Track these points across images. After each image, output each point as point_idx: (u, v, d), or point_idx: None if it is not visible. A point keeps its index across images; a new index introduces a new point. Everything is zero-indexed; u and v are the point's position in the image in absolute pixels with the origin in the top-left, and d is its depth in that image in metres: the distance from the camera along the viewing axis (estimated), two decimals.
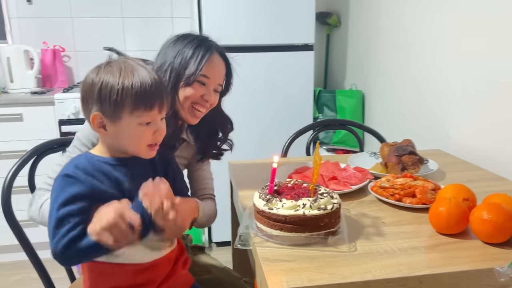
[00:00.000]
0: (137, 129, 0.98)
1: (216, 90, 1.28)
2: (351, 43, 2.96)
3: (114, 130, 0.98)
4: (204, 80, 1.23)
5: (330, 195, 1.07)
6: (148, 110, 0.97)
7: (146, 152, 1.02)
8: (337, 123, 1.95)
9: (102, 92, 0.94)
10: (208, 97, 1.25)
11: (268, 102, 2.67)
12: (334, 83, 3.23)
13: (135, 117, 0.97)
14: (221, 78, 1.29)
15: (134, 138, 0.99)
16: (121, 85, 0.93)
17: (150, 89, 0.96)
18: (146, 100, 0.96)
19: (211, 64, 1.23)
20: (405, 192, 1.23)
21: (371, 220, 1.16)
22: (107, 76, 0.95)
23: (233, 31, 2.53)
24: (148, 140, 1.00)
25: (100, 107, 0.96)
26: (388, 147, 1.57)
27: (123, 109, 0.95)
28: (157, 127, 1.01)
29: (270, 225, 1.03)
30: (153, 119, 0.99)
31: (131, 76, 0.95)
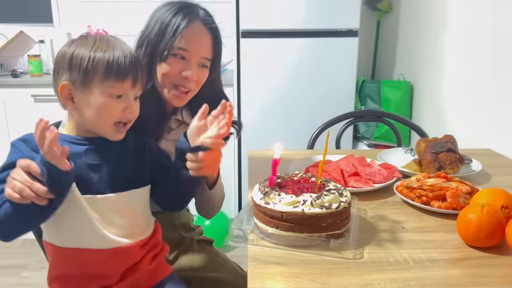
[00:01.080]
0: (105, 101, 0.91)
1: (203, 64, 1.12)
2: (402, 30, 2.72)
3: (82, 102, 0.92)
4: (182, 53, 1.09)
5: (339, 192, 0.93)
6: (120, 80, 0.91)
7: (112, 131, 0.95)
8: (371, 115, 1.77)
9: (73, 61, 0.90)
10: (187, 73, 1.10)
11: (307, 91, 2.52)
12: (381, 73, 3.01)
13: (105, 87, 0.91)
14: (206, 50, 1.12)
15: (101, 111, 0.92)
16: (94, 54, 0.89)
17: (124, 60, 0.90)
18: (118, 70, 0.90)
19: (189, 34, 1.08)
20: (434, 194, 1.06)
21: (389, 224, 1.00)
22: (79, 46, 0.91)
23: (272, 14, 2.40)
24: (116, 115, 0.93)
25: (70, 76, 0.91)
26: (425, 142, 1.39)
27: (93, 77, 0.90)
28: (128, 104, 0.93)
29: (265, 221, 0.91)
30: (124, 93, 0.93)
31: (105, 47, 0.90)
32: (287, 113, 2.53)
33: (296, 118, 2.54)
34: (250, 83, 2.48)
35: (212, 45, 1.14)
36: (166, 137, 1.23)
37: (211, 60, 1.15)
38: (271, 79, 2.49)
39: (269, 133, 2.52)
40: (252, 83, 2.48)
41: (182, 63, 1.10)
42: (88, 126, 0.96)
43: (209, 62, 1.14)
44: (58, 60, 0.93)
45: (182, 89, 1.12)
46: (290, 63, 2.47)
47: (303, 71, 2.50)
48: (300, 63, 2.48)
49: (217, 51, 1.16)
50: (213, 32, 1.13)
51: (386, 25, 2.97)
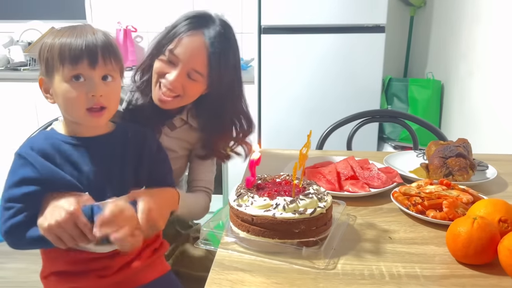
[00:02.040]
0: (66, 87, 0.89)
1: (190, 76, 1.08)
2: (435, 26, 2.58)
3: (54, 93, 0.92)
4: (172, 58, 1.07)
5: (319, 196, 0.88)
6: (73, 63, 0.87)
7: (86, 118, 0.91)
8: (386, 115, 1.67)
9: (40, 54, 0.91)
10: (169, 77, 1.07)
11: (330, 89, 2.44)
12: (413, 71, 2.87)
13: (64, 73, 0.88)
14: (197, 63, 1.07)
15: (66, 99, 0.90)
16: (52, 42, 0.89)
17: (76, 42, 0.87)
18: (71, 52, 0.87)
19: (184, 43, 1.06)
20: (430, 203, 0.98)
21: (376, 233, 0.93)
22: (48, 38, 0.91)
23: (294, 10, 2.33)
24: (82, 101, 0.89)
25: (41, 70, 0.92)
26: (436, 146, 1.29)
27: (53, 66, 0.89)
28: (91, 86, 0.89)
29: (237, 224, 0.87)
30: (84, 75, 0.88)
31: (66, 34, 0.88)
32: (309, 112, 2.46)
33: (318, 117, 2.46)
34: (271, 81, 2.43)
35: (208, 61, 1.08)
36: (169, 134, 1.21)
37: (206, 75, 1.09)
38: (293, 77, 2.43)
39: (290, 133, 2.47)
40: (273, 81, 2.43)
41: (171, 66, 1.08)
42: (67, 117, 0.94)
43: (201, 77, 1.09)
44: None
45: (164, 92, 1.10)
46: (313, 60, 2.40)
47: (327, 69, 2.41)
48: (324, 60, 2.40)
49: (213, 68, 1.08)
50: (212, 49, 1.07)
51: (419, 20, 2.82)
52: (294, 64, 2.41)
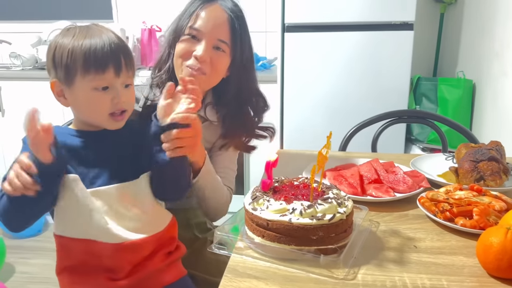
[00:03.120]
0: (92, 95, 0.89)
1: (217, 46, 1.09)
2: (466, 23, 2.46)
3: (72, 98, 0.91)
4: (195, 33, 1.07)
5: (339, 201, 0.83)
6: (100, 72, 0.88)
7: (108, 122, 0.93)
8: (414, 115, 1.60)
9: (55, 58, 0.89)
10: (197, 53, 1.06)
11: (356, 89, 2.36)
12: (443, 70, 2.76)
13: (88, 81, 0.88)
14: (222, 33, 1.09)
15: (91, 105, 0.90)
16: (71, 47, 0.87)
17: (102, 50, 0.87)
18: (96, 61, 0.87)
19: (204, 15, 1.07)
20: (460, 210, 0.91)
21: (401, 242, 0.88)
22: (61, 39, 0.89)
23: (318, 7, 2.27)
24: (107, 107, 0.90)
25: (56, 74, 0.91)
26: (466, 149, 1.22)
27: (75, 72, 0.88)
28: (116, 93, 0.90)
29: (252, 228, 0.84)
30: (110, 84, 0.90)
31: (82, 37, 0.88)
32: (333, 112, 2.39)
33: (342, 117, 2.39)
34: (294, 80, 2.38)
35: (230, 28, 1.10)
36: None
37: (231, 45, 1.11)
38: (317, 76, 2.37)
39: (314, 133, 2.40)
40: (296, 80, 2.38)
41: (195, 43, 1.08)
42: (84, 119, 0.95)
43: (226, 46, 1.10)
44: (46, 56, 0.93)
45: (194, 65, 1.08)
46: (338, 58, 2.33)
47: (352, 67, 2.34)
48: (349, 58, 2.33)
49: (236, 34, 1.11)
50: (230, 15, 1.09)
51: (449, 18, 2.71)
52: (318, 63, 2.35)
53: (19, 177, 0.82)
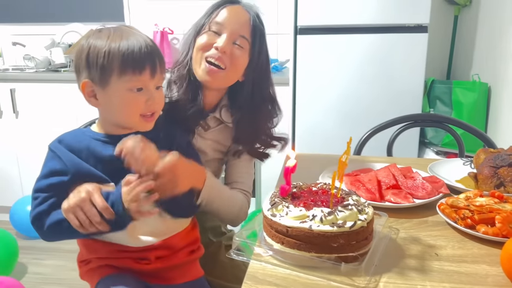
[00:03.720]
0: (127, 96, 0.90)
1: (237, 42, 1.10)
2: (481, 26, 2.44)
3: (104, 99, 0.92)
4: (217, 27, 1.09)
5: (359, 208, 0.82)
6: (137, 73, 0.89)
7: (140, 123, 0.94)
8: (429, 119, 1.58)
9: (90, 57, 0.90)
10: (218, 44, 1.07)
11: (369, 92, 2.34)
12: (457, 73, 2.73)
13: (124, 82, 0.89)
14: (243, 29, 1.10)
15: (125, 106, 0.91)
16: (108, 47, 0.88)
17: (139, 51, 0.88)
18: (134, 63, 0.88)
19: (227, 12, 1.10)
20: (481, 217, 0.90)
21: (421, 249, 0.87)
22: (95, 41, 0.90)
23: (331, 9, 2.26)
24: (140, 109, 0.92)
25: (89, 74, 0.91)
26: (486, 154, 1.20)
27: (111, 73, 0.89)
28: (150, 95, 0.92)
29: (271, 235, 0.83)
30: (144, 85, 0.91)
31: (118, 39, 0.89)
32: (345, 115, 2.38)
33: (355, 120, 2.38)
34: (306, 83, 2.37)
35: (251, 26, 1.12)
36: (203, 135, 1.19)
37: (251, 43, 1.12)
38: (330, 79, 2.36)
39: (326, 136, 2.40)
40: (308, 83, 2.37)
41: (216, 36, 1.09)
42: (115, 120, 0.96)
43: (246, 42, 1.11)
44: (77, 56, 0.93)
45: (213, 64, 1.08)
46: (351, 61, 2.32)
47: (366, 70, 2.33)
48: (362, 61, 2.31)
49: (256, 33, 1.13)
50: (252, 14, 1.13)
51: (463, 20, 2.69)
52: (331, 65, 2.34)
53: (99, 225, 0.85)
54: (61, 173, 0.90)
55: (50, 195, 0.89)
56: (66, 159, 0.90)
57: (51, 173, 0.90)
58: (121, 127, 0.96)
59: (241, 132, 1.20)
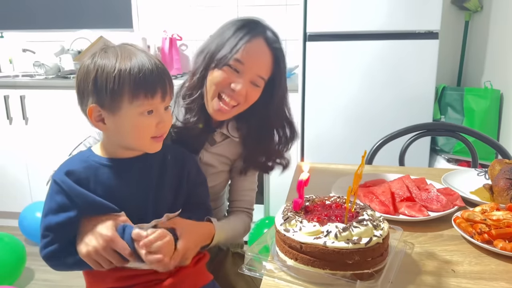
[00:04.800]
0: (138, 120, 0.88)
1: (255, 83, 1.07)
2: (492, 31, 2.41)
3: (114, 123, 0.89)
4: (238, 66, 1.04)
5: (374, 223, 0.80)
6: (149, 97, 0.87)
7: (150, 145, 0.92)
8: (442, 128, 1.56)
9: (97, 81, 0.85)
10: (235, 86, 1.05)
11: (379, 99, 2.32)
12: (468, 79, 2.70)
13: (135, 106, 0.87)
14: (263, 69, 1.06)
15: (136, 130, 0.89)
16: (118, 71, 0.84)
17: (151, 74, 0.86)
18: (146, 87, 0.86)
19: (249, 49, 1.04)
20: (498, 232, 0.88)
21: (438, 265, 0.85)
22: (102, 62, 0.86)
23: (341, 16, 2.25)
24: (151, 131, 0.90)
25: (97, 98, 0.87)
26: (501, 165, 1.18)
27: (121, 98, 0.86)
28: (161, 118, 0.90)
29: (285, 251, 0.81)
30: (155, 108, 0.89)
31: (128, 61, 0.85)
32: (355, 123, 2.36)
33: (365, 128, 2.36)
34: (316, 89, 2.36)
35: (272, 65, 1.08)
36: (209, 149, 1.18)
37: (268, 80, 1.09)
38: (339, 86, 2.34)
39: (335, 144, 2.38)
40: (318, 89, 2.36)
41: (235, 75, 1.06)
42: (124, 143, 0.93)
43: (263, 82, 1.08)
44: (80, 78, 0.89)
45: (227, 102, 1.07)
46: (361, 68, 2.30)
47: (376, 77, 2.31)
48: (372, 68, 2.30)
49: (277, 72, 1.09)
50: (275, 53, 1.08)
51: (474, 26, 2.66)
52: (341, 72, 2.32)
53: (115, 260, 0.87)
54: (69, 208, 0.87)
55: (59, 235, 0.88)
56: (73, 194, 0.87)
57: (59, 209, 0.88)
58: (129, 150, 0.94)
59: (249, 150, 1.20)
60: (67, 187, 0.88)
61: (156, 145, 0.93)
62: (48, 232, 0.88)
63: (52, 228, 0.88)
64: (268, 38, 1.07)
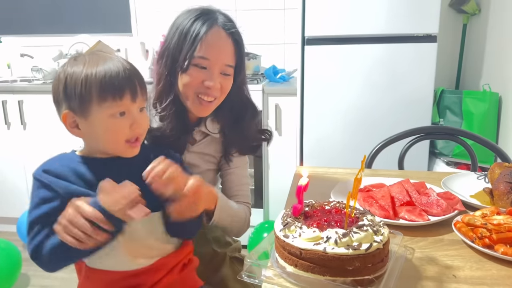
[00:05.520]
0: (109, 122, 0.88)
1: (225, 72, 1.08)
2: (490, 34, 2.41)
3: (87, 128, 0.89)
4: (203, 62, 1.05)
5: (375, 228, 0.80)
6: (117, 99, 0.87)
7: (125, 150, 0.92)
8: (440, 132, 1.56)
9: (67, 87, 0.87)
10: (209, 83, 1.06)
11: (378, 102, 2.32)
12: (466, 82, 2.70)
13: (105, 109, 0.87)
14: (228, 57, 1.08)
15: (109, 133, 0.89)
16: (85, 76, 0.86)
17: (117, 76, 0.86)
18: (113, 88, 0.86)
19: (209, 42, 1.04)
20: (499, 236, 0.87)
21: (438, 270, 0.84)
22: (71, 69, 0.88)
23: (339, 20, 2.25)
24: (124, 134, 0.90)
25: (69, 104, 0.88)
26: (501, 169, 1.18)
27: (90, 101, 0.86)
28: (134, 119, 0.89)
29: (284, 257, 0.81)
30: (127, 109, 0.89)
31: (95, 66, 0.87)
32: (355, 126, 2.36)
33: (364, 131, 2.35)
34: (314, 93, 2.36)
35: (235, 51, 1.10)
36: (190, 149, 1.19)
37: (235, 67, 1.11)
38: (338, 89, 2.34)
39: (334, 147, 2.38)
40: (317, 93, 2.35)
41: (204, 72, 1.06)
42: (100, 148, 0.94)
43: (232, 69, 1.10)
44: (54, 88, 0.90)
45: (206, 99, 1.08)
46: (359, 71, 2.30)
47: (374, 80, 2.30)
48: (371, 71, 2.29)
49: (240, 56, 1.11)
50: (234, 37, 1.09)
51: (472, 29, 2.66)
52: (339, 76, 2.32)
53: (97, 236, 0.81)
54: (51, 199, 0.87)
55: (43, 225, 0.86)
56: (54, 184, 0.87)
57: (41, 202, 0.87)
58: (108, 155, 0.93)
59: (230, 139, 1.21)
60: (47, 179, 0.87)
61: (132, 149, 0.92)
62: (33, 225, 0.87)
63: (36, 220, 0.86)
64: (223, 25, 1.07)
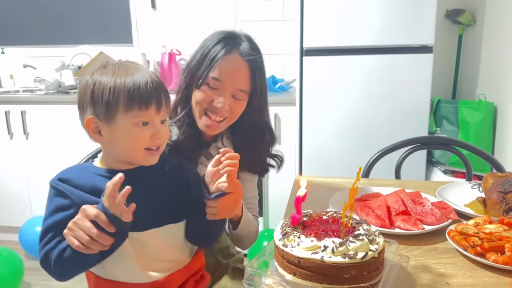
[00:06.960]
0: (132, 131, 0.91)
1: (236, 96, 1.12)
2: (485, 45, 2.46)
3: (110, 134, 0.92)
4: (216, 84, 1.09)
5: (370, 238, 0.83)
6: (143, 109, 0.90)
7: (144, 157, 0.94)
8: (436, 142, 1.59)
9: (95, 93, 0.90)
10: (217, 104, 1.09)
11: (376, 112, 2.36)
12: (462, 92, 2.75)
13: (130, 117, 0.90)
14: (242, 82, 1.11)
15: (130, 141, 0.91)
16: (114, 83, 0.89)
17: (145, 87, 0.90)
18: (140, 98, 0.89)
19: (225, 66, 1.08)
20: (491, 245, 0.91)
21: (432, 278, 0.87)
22: (100, 77, 0.91)
23: (337, 31, 2.30)
24: (145, 143, 0.92)
25: (94, 110, 0.91)
26: (494, 178, 1.21)
27: (116, 109, 0.89)
28: (156, 130, 0.92)
29: (283, 265, 0.84)
30: (150, 120, 0.92)
31: (124, 75, 0.90)
32: (352, 136, 2.39)
33: (362, 141, 2.39)
34: (313, 103, 2.40)
35: (250, 77, 1.12)
36: (205, 163, 1.21)
37: (249, 92, 1.14)
38: (336, 99, 2.38)
39: (332, 156, 2.41)
40: (315, 103, 2.39)
41: (215, 92, 1.11)
42: (120, 156, 0.96)
43: (245, 94, 1.13)
44: (81, 93, 0.93)
45: (213, 118, 1.12)
46: (357, 82, 2.34)
47: (371, 91, 2.35)
48: (368, 82, 2.34)
49: (255, 83, 1.14)
50: (251, 64, 1.12)
51: (468, 39, 2.71)
52: (337, 86, 2.36)
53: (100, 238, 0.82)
54: (66, 207, 0.89)
55: (56, 232, 0.88)
56: (70, 193, 0.89)
57: (57, 209, 0.89)
58: (126, 163, 0.96)
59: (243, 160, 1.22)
60: (64, 188, 0.90)
61: (151, 158, 0.94)
62: (46, 232, 0.88)
63: (50, 228, 0.88)
64: (243, 52, 1.11)
